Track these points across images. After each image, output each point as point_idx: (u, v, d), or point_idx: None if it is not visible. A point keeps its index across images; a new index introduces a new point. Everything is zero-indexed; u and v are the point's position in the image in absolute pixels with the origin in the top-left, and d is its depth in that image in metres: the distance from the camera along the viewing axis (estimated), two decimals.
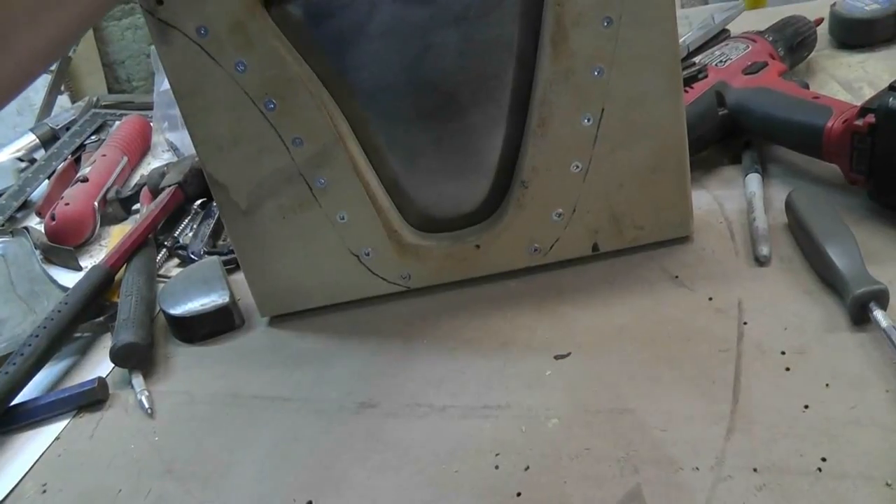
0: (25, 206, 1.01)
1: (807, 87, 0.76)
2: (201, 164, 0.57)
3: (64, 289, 0.79)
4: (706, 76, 0.76)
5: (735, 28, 0.95)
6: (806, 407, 0.47)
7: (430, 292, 0.63)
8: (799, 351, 0.51)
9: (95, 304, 0.72)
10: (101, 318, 0.73)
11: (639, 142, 0.58)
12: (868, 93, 0.78)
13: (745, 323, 0.54)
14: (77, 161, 1.05)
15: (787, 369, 0.50)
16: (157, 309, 0.72)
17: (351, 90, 0.57)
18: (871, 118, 0.59)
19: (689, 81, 0.76)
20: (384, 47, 0.55)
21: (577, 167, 0.58)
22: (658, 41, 0.55)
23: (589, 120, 0.57)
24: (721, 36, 0.95)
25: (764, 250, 0.60)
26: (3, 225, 0.95)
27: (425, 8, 0.54)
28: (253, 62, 0.55)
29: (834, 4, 0.91)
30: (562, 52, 0.55)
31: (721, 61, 0.79)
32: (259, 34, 0.54)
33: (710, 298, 0.58)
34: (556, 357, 0.56)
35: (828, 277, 0.56)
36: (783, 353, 0.51)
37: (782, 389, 0.49)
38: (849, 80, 0.84)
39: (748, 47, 0.80)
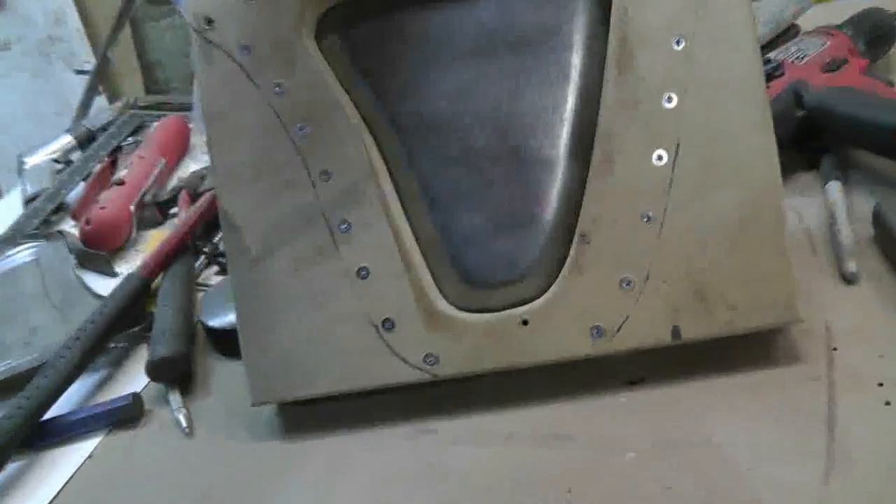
0: (61, 208, 0.96)
1: (892, 84, 0.69)
2: (217, 199, 0.52)
3: (98, 297, 0.75)
4: (782, 74, 0.69)
5: (804, 23, 0.86)
6: None
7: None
8: None
9: (131, 314, 0.68)
10: (137, 329, 0.69)
11: (723, 187, 0.49)
12: None
13: (834, 349, 0.50)
14: (114, 163, 1.01)
15: (888, 403, 0.45)
16: (196, 320, 0.68)
17: (391, 122, 0.52)
18: None
19: (765, 80, 0.68)
20: (432, 76, 0.51)
21: (649, 217, 0.49)
22: (738, 63, 0.49)
23: (661, 158, 0.49)
24: (790, 31, 0.87)
25: (851, 267, 0.55)
26: (37, 228, 0.91)
27: (479, 33, 0.50)
28: (291, 84, 0.52)
29: None
30: (628, 77, 0.49)
31: (797, 58, 0.72)
32: (302, 56, 0.52)
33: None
34: (630, 382, 0.51)
35: None
36: (881, 384, 0.46)
37: (884, 427, 0.44)
38: None
39: (826, 43, 0.73)
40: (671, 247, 0.49)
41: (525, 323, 0.51)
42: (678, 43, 0.49)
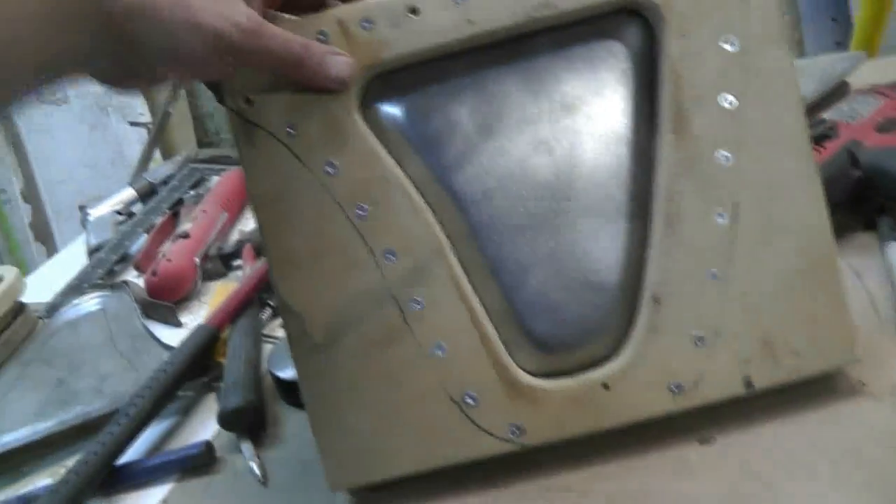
0: (124, 259, 0.94)
1: None
2: (274, 286, 0.48)
3: (165, 346, 0.71)
4: (837, 135, 0.65)
5: (854, 80, 0.82)
6: None
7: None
8: None
9: (199, 364, 0.67)
10: (205, 379, 0.68)
11: (781, 240, 0.47)
12: None
13: None
14: (175, 215, 0.99)
15: None
16: (264, 370, 0.65)
17: (451, 197, 0.48)
18: None
19: (820, 140, 0.65)
20: (488, 148, 0.47)
21: (715, 275, 0.47)
22: (786, 120, 0.47)
23: (723, 216, 0.47)
24: (841, 88, 0.81)
25: None
26: (102, 278, 0.89)
27: (531, 98, 0.47)
28: (344, 163, 0.47)
29: None
30: (684, 138, 0.46)
31: (851, 118, 0.68)
32: (352, 131, 0.47)
33: (864, 384, 0.48)
34: (701, 441, 0.47)
35: None
36: None
37: None
38: None
39: (879, 102, 0.69)
40: (737, 302, 0.47)
41: (606, 387, 0.48)
42: (728, 101, 0.46)
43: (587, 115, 0.47)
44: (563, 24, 0.46)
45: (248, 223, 0.94)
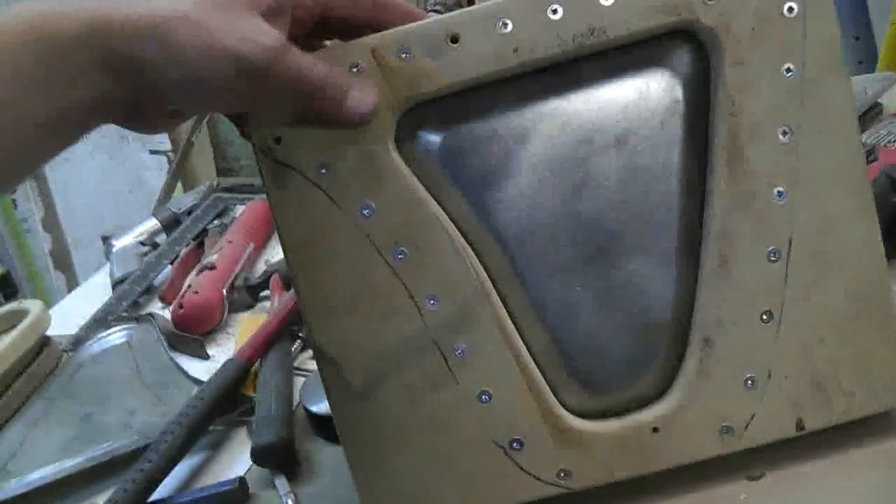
0: (148, 291, 0.92)
1: None
2: (310, 333, 0.47)
3: (193, 379, 0.70)
4: (876, 158, 0.64)
5: (886, 101, 0.81)
6: None
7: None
8: None
9: (231, 398, 0.66)
10: (236, 413, 0.66)
11: (835, 280, 0.46)
12: None
13: None
14: (200, 246, 0.97)
15: None
16: (296, 404, 0.65)
17: (494, 237, 0.46)
18: None
19: None
20: (533, 184, 0.45)
21: (769, 317, 0.46)
22: (842, 152, 0.45)
23: (776, 255, 0.45)
24: (874, 110, 0.80)
25: None
26: (126, 310, 0.87)
27: (578, 134, 0.45)
28: (381, 204, 0.45)
29: None
30: (739, 172, 0.44)
31: (890, 141, 0.66)
32: (389, 169, 0.44)
33: None
34: (749, 478, 0.46)
35: None
36: None
37: None
38: None
39: None
40: (790, 343, 0.46)
41: (656, 430, 0.46)
42: (784, 134, 0.44)
43: (636, 149, 0.45)
44: (612, 51, 0.44)
45: (274, 253, 0.93)
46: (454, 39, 0.42)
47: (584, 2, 0.42)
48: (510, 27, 0.42)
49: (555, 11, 0.42)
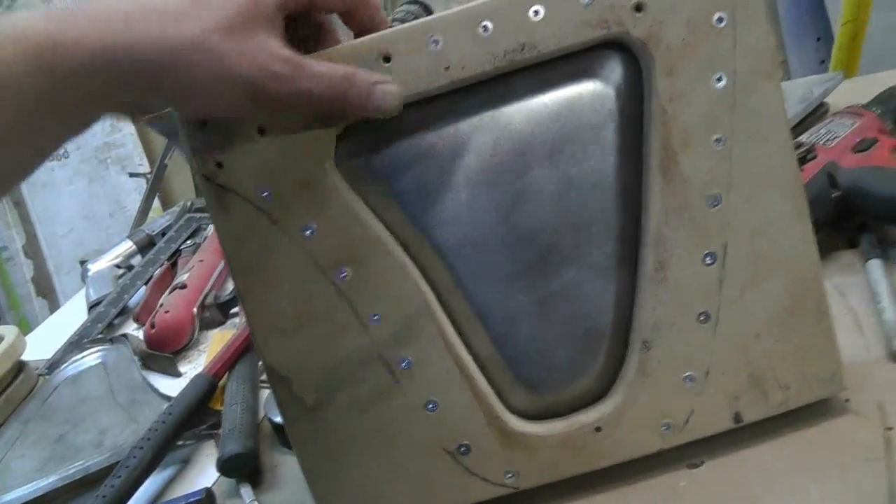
0: (123, 312, 0.93)
1: None
2: (260, 354, 0.47)
3: (164, 397, 0.71)
4: (815, 157, 0.65)
5: (833, 100, 0.82)
6: None
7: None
8: None
9: (199, 413, 0.67)
10: (204, 427, 0.67)
11: (770, 280, 0.46)
12: None
13: (889, 428, 0.45)
14: (173, 266, 0.98)
15: None
16: (262, 416, 0.65)
17: (435, 250, 0.46)
18: None
19: (799, 163, 0.73)
20: (472, 197, 0.45)
21: (705, 318, 0.47)
22: (775, 158, 0.45)
23: (712, 258, 0.46)
24: (820, 110, 0.81)
25: None
26: (102, 333, 0.88)
27: (514, 147, 0.45)
28: (323, 224, 0.44)
29: None
30: (673, 180, 0.45)
31: (829, 139, 0.68)
32: (329, 191, 0.44)
33: (847, 400, 0.47)
34: (689, 466, 0.47)
35: None
36: None
37: None
38: None
39: (855, 123, 0.69)
40: (727, 341, 0.47)
41: (598, 430, 0.47)
42: (717, 141, 0.45)
43: (571, 159, 0.45)
44: (545, 64, 0.44)
45: None
46: (387, 58, 0.42)
47: (513, 18, 0.43)
48: (441, 45, 0.43)
49: (485, 29, 0.43)
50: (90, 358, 0.81)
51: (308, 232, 0.45)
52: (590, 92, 0.45)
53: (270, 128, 0.43)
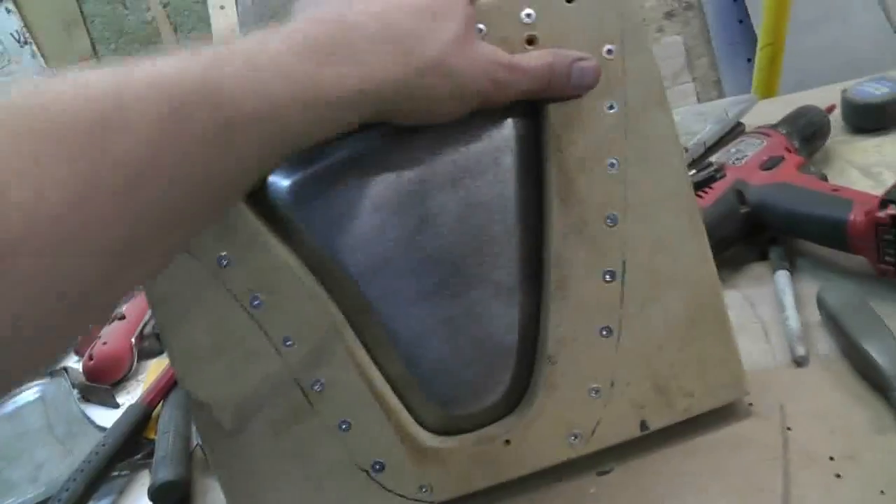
0: None
1: (825, 178, 0.68)
2: (179, 381, 0.48)
3: (101, 428, 0.71)
4: (724, 175, 0.68)
5: (749, 120, 0.86)
6: None
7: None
8: (848, 456, 0.43)
9: (133, 442, 0.67)
10: (139, 456, 0.67)
11: (669, 293, 0.48)
12: (887, 177, 0.70)
13: (788, 428, 0.47)
14: None
15: (838, 476, 0.43)
16: (195, 443, 0.66)
17: (344, 275, 0.47)
18: (892, 209, 0.52)
19: (708, 182, 0.67)
20: (377, 223, 0.46)
21: (608, 332, 0.48)
22: (669, 180, 0.47)
23: (611, 276, 0.47)
24: (736, 129, 0.85)
25: (800, 350, 0.52)
26: None
27: (417, 173, 0.46)
28: (235, 254, 0.45)
29: (845, 91, 0.83)
30: (570, 202, 0.46)
31: (737, 159, 0.71)
32: (240, 222, 0.45)
33: (750, 404, 0.49)
34: (599, 473, 0.48)
35: (869, 375, 0.47)
36: (832, 458, 0.44)
37: (835, 499, 0.41)
38: (867, 165, 0.75)
39: (763, 142, 0.72)
40: (630, 353, 0.48)
41: (508, 443, 0.48)
42: (612, 165, 0.46)
43: (472, 185, 0.46)
44: None
45: None
46: None
47: None
48: None
49: None
50: (28, 393, 0.81)
51: (223, 262, 0.46)
52: (488, 120, 0.46)
53: None
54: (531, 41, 0.44)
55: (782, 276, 0.62)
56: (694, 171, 0.69)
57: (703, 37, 2.15)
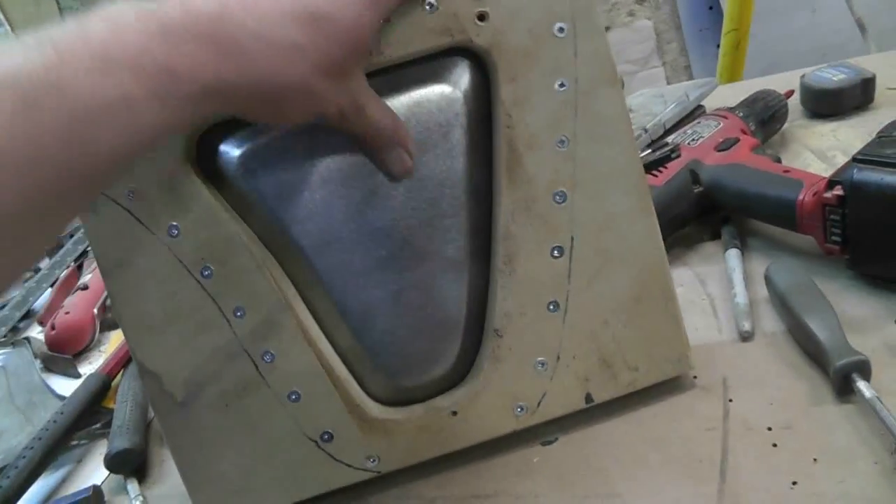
0: (28, 315, 0.91)
1: (779, 160, 0.68)
2: (131, 351, 0.47)
3: (61, 398, 0.70)
4: (679, 155, 0.68)
5: (710, 103, 0.86)
6: (794, 483, 0.41)
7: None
8: (785, 426, 0.44)
9: (92, 412, 0.66)
10: (98, 426, 0.67)
11: (616, 270, 0.48)
12: (841, 160, 0.70)
13: (730, 400, 0.48)
14: (80, 267, 0.97)
15: (775, 445, 0.43)
16: (152, 413, 0.65)
17: (294, 247, 0.47)
18: (839, 190, 0.52)
19: (663, 161, 0.67)
20: (327, 195, 0.46)
21: (555, 307, 0.48)
22: (618, 158, 0.46)
23: (559, 252, 0.47)
24: (696, 112, 0.85)
25: (746, 326, 0.52)
26: (5, 336, 0.86)
27: None
28: (186, 224, 0.45)
29: (803, 76, 0.84)
30: (519, 179, 0.46)
31: (693, 139, 0.71)
32: (191, 192, 0.44)
33: (695, 377, 0.50)
34: (543, 443, 0.49)
35: (810, 350, 0.48)
36: (769, 429, 0.45)
37: (770, 466, 0.42)
38: (822, 149, 0.76)
39: (720, 124, 0.73)
40: (576, 327, 0.48)
41: (455, 414, 0.48)
42: (561, 143, 0.46)
43: (421, 160, 0.45)
44: (395, 67, 0.44)
45: None
46: None
47: None
48: None
49: None
50: None
51: (173, 232, 0.45)
52: (438, 95, 0.46)
53: None
54: (482, 17, 0.44)
55: (733, 255, 0.63)
56: (649, 150, 0.69)
57: (673, 22, 2.15)
